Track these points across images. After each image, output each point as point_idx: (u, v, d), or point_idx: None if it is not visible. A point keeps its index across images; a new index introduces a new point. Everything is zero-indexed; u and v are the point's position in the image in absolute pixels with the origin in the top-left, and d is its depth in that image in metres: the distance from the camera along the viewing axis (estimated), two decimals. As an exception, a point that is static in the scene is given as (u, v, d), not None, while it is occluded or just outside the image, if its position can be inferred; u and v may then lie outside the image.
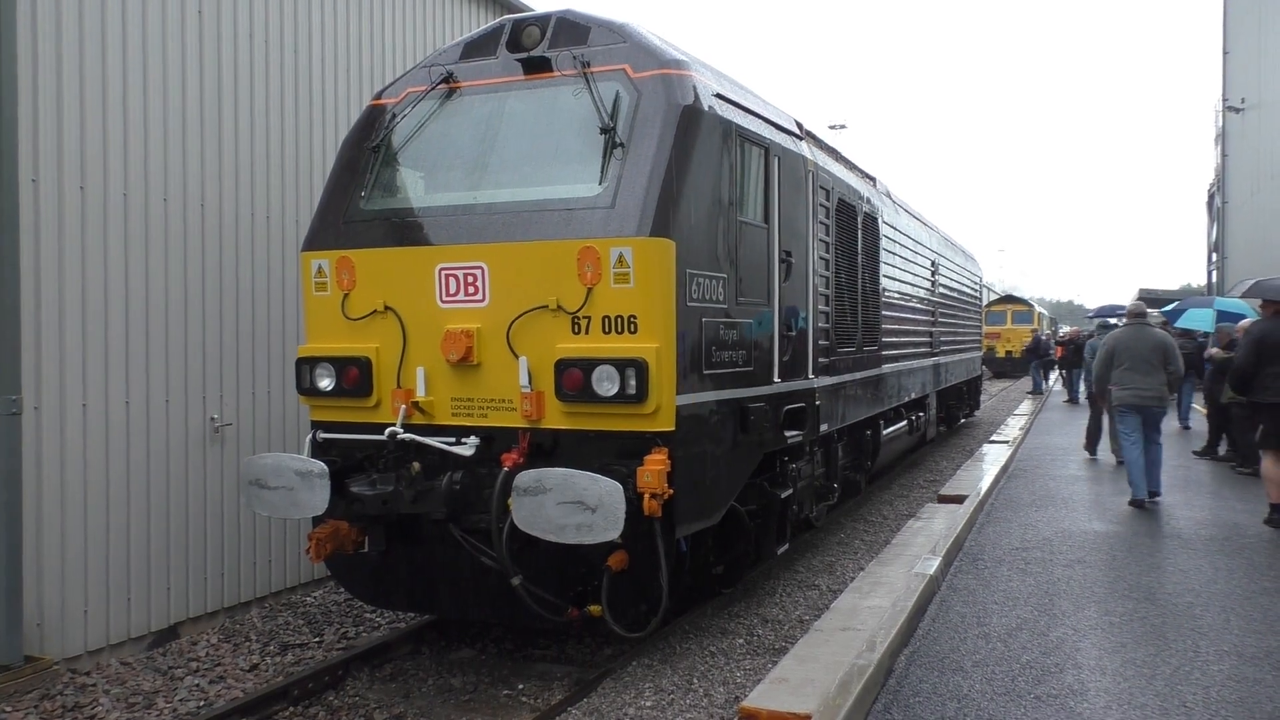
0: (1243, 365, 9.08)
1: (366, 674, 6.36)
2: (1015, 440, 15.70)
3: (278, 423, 8.08)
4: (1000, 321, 38.25)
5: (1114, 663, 5.39)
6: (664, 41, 6.33)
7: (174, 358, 7.15)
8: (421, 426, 5.95)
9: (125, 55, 6.74)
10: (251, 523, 7.82)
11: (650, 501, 5.30)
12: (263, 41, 7.89)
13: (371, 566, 6.27)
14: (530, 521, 5.29)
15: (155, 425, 7.01)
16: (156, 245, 7.00)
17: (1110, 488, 11.32)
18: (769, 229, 6.92)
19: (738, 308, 6.36)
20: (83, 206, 6.47)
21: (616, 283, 5.54)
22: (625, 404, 5.48)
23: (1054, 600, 6.61)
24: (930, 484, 12.93)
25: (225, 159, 7.59)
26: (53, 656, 6.24)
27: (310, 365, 6.26)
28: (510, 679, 6.23)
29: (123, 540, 6.79)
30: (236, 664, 6.71)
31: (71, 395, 6.41)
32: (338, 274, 6.22)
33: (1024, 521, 9.28)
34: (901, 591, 6.46)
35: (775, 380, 6.94)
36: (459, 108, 6.43)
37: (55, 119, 6.29)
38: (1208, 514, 9.61)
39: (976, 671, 5.25)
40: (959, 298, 17.13)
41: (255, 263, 7.88)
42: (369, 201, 6.41)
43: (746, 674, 5.91)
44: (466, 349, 5.79)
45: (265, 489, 5.87)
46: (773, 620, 6.99)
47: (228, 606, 7.65)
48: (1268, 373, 8.80)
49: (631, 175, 5.68)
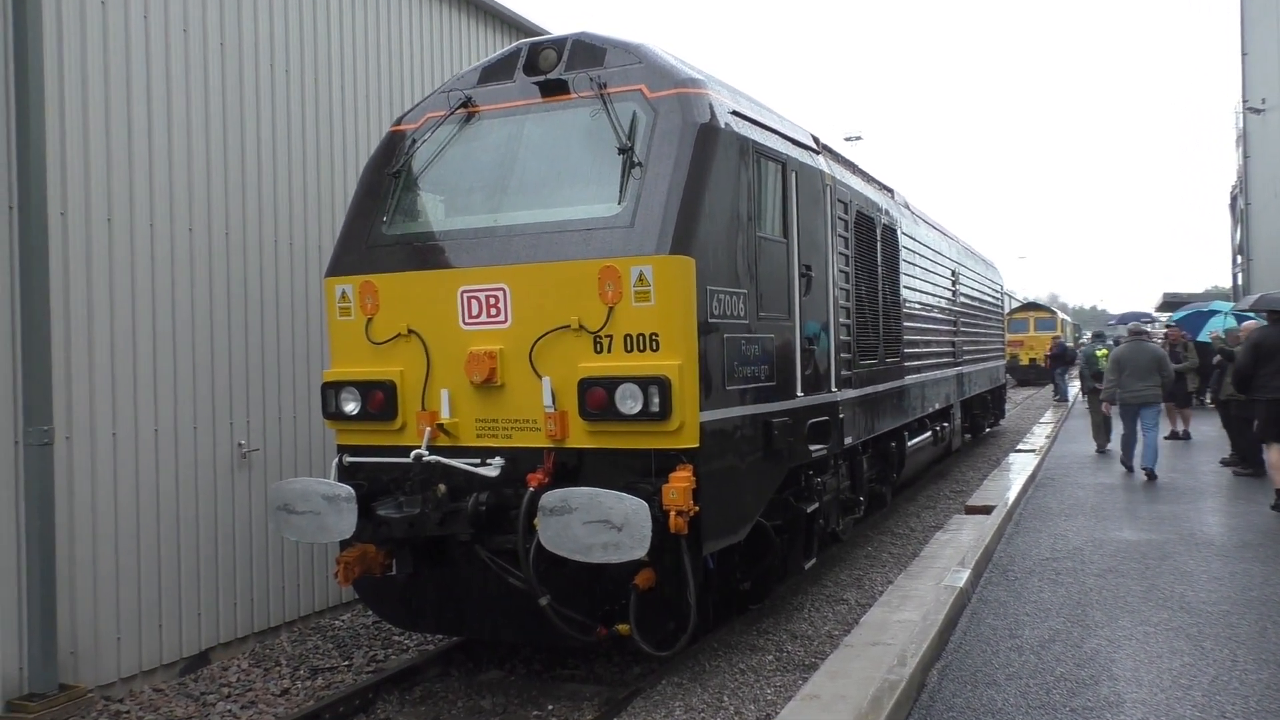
0: (1242, 367, 10.16)
1: (396, 697, 6.37)
2: (1042, 449, 15.57)
3: (304, 447, 8.15)
4: (1023, 329, 38.03)
5: (1150, 673, 5.32)
6: (679, 61, 6.37)
7: (201, 385, 7.23)
8: (446, 448, 5.98)
9: (149, 90, 6.85)
10: (280, 547, 7.87)
11: (676, 519, 5.29)
12: (284, 72, 8.00)
13: (399, 589, 6.29)
14: (557, 541, 5.29)
15: (184, 452, 7.08)
16: (182, 274, 7.09)
17: (1141, 495, 11.21)
18: (788, 243, 6.93)
19: (759, 323, 6.36)
20: (110, 238, 6.57)
21: (637, 301, 5.56)
22: (649, 422, 5.49)
23: (1087, 611, 6.54)
24: (957, 495, 12.83)
25: (249, 188, 7.68)
26: (87, 684, 6.29)
27: (335, 390, 6.31)
28: (540, 700, 6.23)
29: (154, 567, 6.85)
30: (268, 689, 6.74)
31: (102, 424, 6.49)
32: (361, 299, 6.28)
33: (1054, 531, 9.20)
34: (931, 604, 6.41)
35: (798, 394, 6.93)
36: (478, 131, 6.49)
37: (82, 155, 6.39)
38: (1240, 520, 9.49)
39: (1010, 685, 5.20)
40: (980, 306, 17.04)
41: (280, 289, 7.97)
42: (391, 226, 6.47)
43: (777, 691, 5.88)
44: (490, 370, 5.82)
45: (293, 514, 5.91)
46: (802, 636, 6.96)
47: (258, 631, 7.69)
48: (1264, 372, 9.82)
49: (650, 194, 5.71)
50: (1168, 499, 10.95)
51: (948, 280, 13.78)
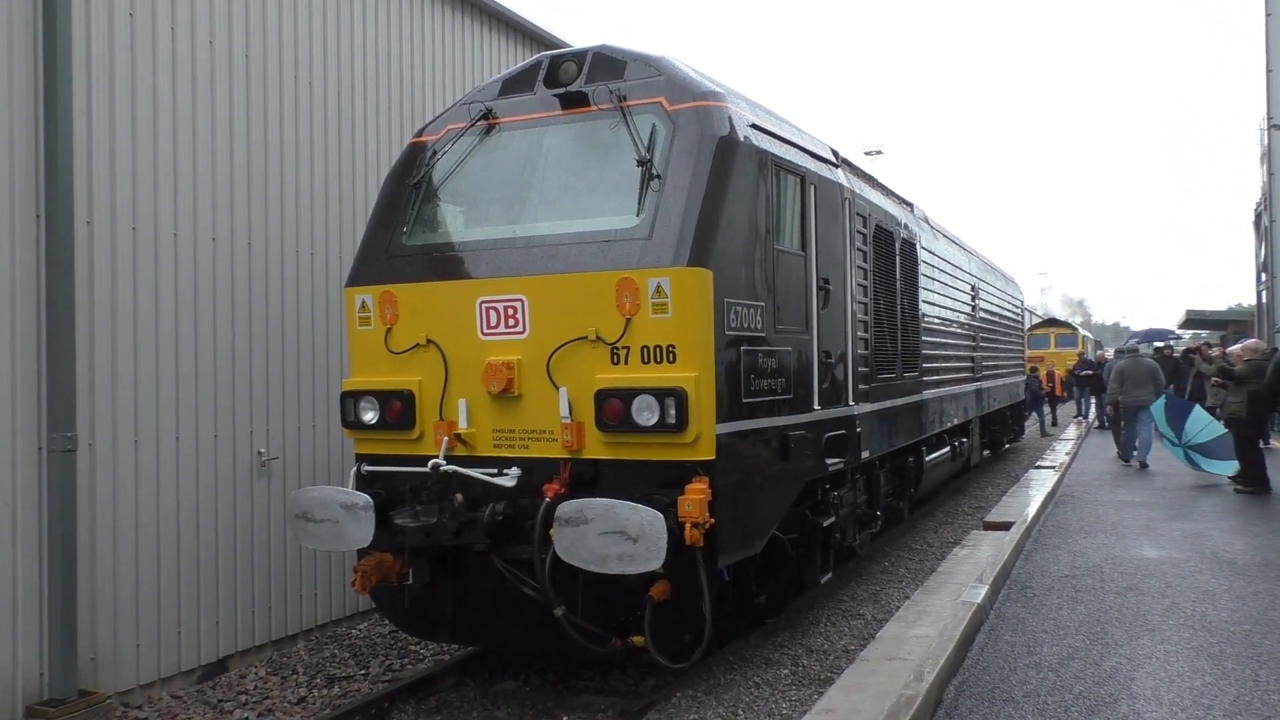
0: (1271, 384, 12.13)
1: (412, 706, 6.38)
2: (1062, 465, 15.46)
3: (323, 456, 8.19)
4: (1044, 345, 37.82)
5: (1170, 693, 5.26)
6: (699, 74, 6.40)
7: (222, 393, 7.29)
8: (464, 458, 6.00)
9: (175, 100, 6.94)
10: (298, 555, 7.91)
11: (692, 531, 5.29)
12: (307, 84, 8.09)
13: (415, 598, 6.31)
14: (572, 552, 5.30)
15: (204, 460, 7.14)
16: (205, 283, 7.17)
17: (1162, 513, 11.10)
18: (806, 257, 6.93)
19: (776, 335, 6.36)
20: (134, 247, 6.65)
21: (655, 313, 5.58)
22: (665, 433, 5.49)
23: (1106, 629, 6.48)
24: (975, 510, 12.74)
25: (271, 198, 7.76)
26: (106, 691, 6.33)
27: (354, 399, 6.35)
28: (554, 710, 6.22)
29: (173, 574, 6.90)
30: (284, 697, 6.76)
31: (124, 431, 6.56)
32: (381, 308, 6.32)
33: (1073, 548, 9.12)
34: (949, 620, 6.37)
35: (815, 407, 6.91)
36: (498, 143, 6.53)
37: (109, 164, 6.48)
38: (1263, 540, 9.38)
39: (1028, 702, 5.15)
40: (1000, 321, 16.95)
41: (300, 299, 8.03)
42: (411, 237, 6.51)
43: (792, 705, 5.85)
44: (508, 380, 5.84)
45: (311, 522, 5.94)
46: (817, 650, 6.92)
47: (275, 639, 7.72)
48: None
49: (668, 206, 5.73)
50: (1189, 517, 10.83)
51: (967, 295, 13.73)
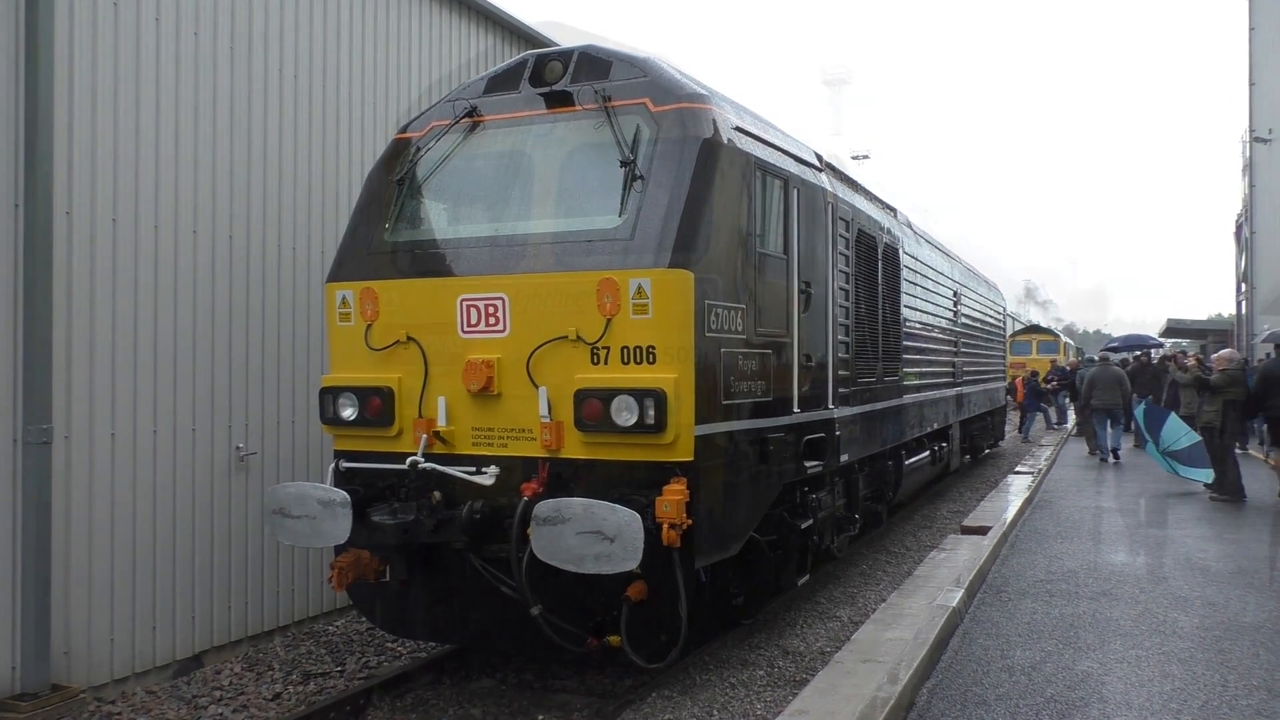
0: (1256, 391, 12.56)
1: (388, 704, 6.37)
2: (1040, 471, 15.56)
3: (301, 452, 8.16)
4: (1025, 351, 38.13)
5: (1140, 697, 5.32)
6: (684, 75, 6.41)
7: (201, 387, 7.25)
8: (442, 456, 6.00)
9: (158, 93, 6.91)
10: (275, 551, 7.88)
11: (669, 532, 5.30)
12: (291, 77, 8.06)
13: (392, 595, 6.30)
14: (549, 551, 5.31)
15: (182, 454, 7.10)
16: (185, 276, 7.13)
17: (1138, 519, 11.20)
18: (788, 260, 6.95)
19: (757, 338, 6.38)
20: (114, 238, 6.61)
21: (635, 314, 5.59)
22: (644, 434, 5.51)
23: (1079, 633, 6.53)
24: (954, 515, 12.81)
25: (253, 192, 7.73)
26: (79, 685, 6.29)
27: (334, 395, 6.34)
28: (530, 709, 6.22)
29: (149, 568, 6.86)
30: (259, 693, 6.74)
31: (101, 424, 6.52)
32: (361, 305, 6.31)
33: (1049, 553, 9.19)
34: (924, 623, 6.41)
35: (795, 410, 6.94)
36: (482, 141, 6.53)
37: (89, 156, 6.44)
38: (1236, 547, 9.47)
39: (1000, 705, 5.19)
40: (982, 328, 17.06)
41: (281, 294, 8.00)
42: (393, 233, 6.50)
43: (767, 706, 5.87)
44: (487, 379, 5.84)
45: (289, 518, 5.92)
46: (794, 652, 6.95)
47: (251, 635, 7.69)
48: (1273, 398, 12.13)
49: (651, 207, 5.74)
50: (1164, 524, 10.94)
51: (949, 301, 13.80)
